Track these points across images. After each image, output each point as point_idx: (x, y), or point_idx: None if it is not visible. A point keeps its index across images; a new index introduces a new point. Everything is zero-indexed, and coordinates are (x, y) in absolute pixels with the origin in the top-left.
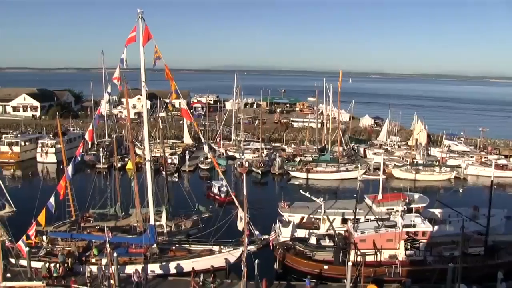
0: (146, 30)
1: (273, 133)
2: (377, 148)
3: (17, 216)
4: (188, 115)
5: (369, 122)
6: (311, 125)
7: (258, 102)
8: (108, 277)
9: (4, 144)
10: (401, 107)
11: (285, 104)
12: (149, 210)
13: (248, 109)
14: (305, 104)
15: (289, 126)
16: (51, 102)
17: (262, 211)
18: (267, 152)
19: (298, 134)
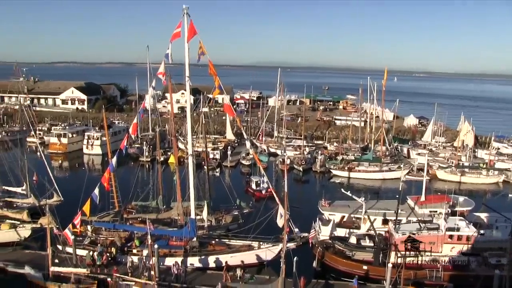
0: (191, 25)
1: (316, 130)
2: (421, 148)
3: (64, 205)
4: (231, 111)
5: (413, 122)
6: (354, 123)
7: (301, 99)
8: (148, 268)
9: (53, 135)
10: (447, 107)
11: (328, 101)
12: (190, 204)
13: (291, 106)
14: (348, 102)
15: (331, 124)
16: (97, 95)
17: (302, 208)
18: (309, 150)
19: (341, 132)
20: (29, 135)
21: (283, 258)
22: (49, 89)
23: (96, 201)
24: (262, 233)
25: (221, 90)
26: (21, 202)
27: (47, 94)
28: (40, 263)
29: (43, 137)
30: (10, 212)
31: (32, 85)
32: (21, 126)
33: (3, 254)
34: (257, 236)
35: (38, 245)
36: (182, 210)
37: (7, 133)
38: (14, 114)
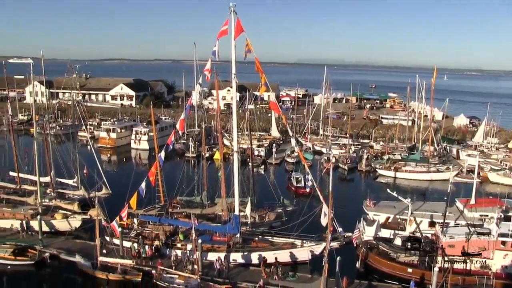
0: (238, 23)
1: (362, 129)
2: (472, 149)
3: (112, 198)
4: (276, 108)
5: (464, 122)
6: (401, 122)
7: (347, 97)
8: (192, 262)
9: (102, 130)
10: (501, 107)
11: (375, 100)
12: (234, 200)
13: (337, 104)
14: (396, 101)
15: (378, 122)
16: (145, 92)
17: (346, 208)
18: (354, 149)
19: (387, 131)
20: (81, 130)
21: (326, 257)
22: (99, 85)
23: (142, 195)
24: (305, 232)
25: (267, 88)
26: (73, 193)
27: (98, 90)
28: (89, 253)
29: (93, 131)
30: (63, 203)
31: (84, 82)
32: (73, 120)
33: (56, 242)
34: (300, 234)
35: (88, 235)
36: (226, 206)
37: (60, 127)
38: (67, 109)
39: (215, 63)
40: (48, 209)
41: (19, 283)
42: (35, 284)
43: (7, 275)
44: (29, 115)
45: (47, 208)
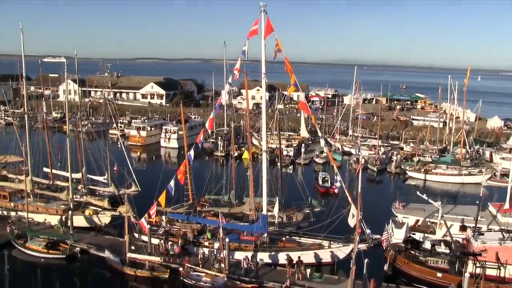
0: (268, 23)
1: (392, 130)
2: (507, 152)
3: (141, 195)
4: (306, 108)
5: (498, 124)
6: (432, 124)
7: (377, 98)
8: (219, 261)
9: (133, 128)
10: None
11: (406, 101)
12: (262, 200)
13: (367, 104)
14: (427, 102)
15: (408, 124)
16: (175, 90)
17: (375, 209)
18: (384, 150)
19: (418, 133)
20: (111, 127)
21: (354, 259)
22: (130, 84)
23: (171, 193)
24: (333, 233)
25: (297, 88)
26: (103, 190)
27: (129, 88)
28: (118, 249)
29: (124, 129)
30: (93, 199)
31: (115, 80)
32: (105, 118)
33: (86, 237)
34: (328, 235)
35: (117, 231)
36: (254, 206)
37: (92, 125)
38: (98, 107)
39: (245, 63)
40: (79, 204)
41: (51, 276)
42: (65, 277)
43: (40, 267)
44: (62, 113)
45: (78, 203)
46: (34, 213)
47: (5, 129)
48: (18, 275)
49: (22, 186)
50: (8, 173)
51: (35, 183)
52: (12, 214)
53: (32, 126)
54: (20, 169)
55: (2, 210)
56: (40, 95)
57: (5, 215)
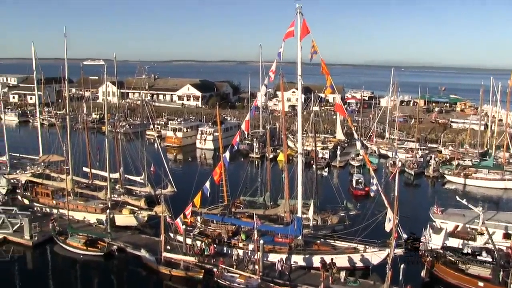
0: (304, 24)
1: (430, 133)
2: None
3: (177, 196)
4: (342, 110)
5: None
6: (472, 126)
7: (415, 100)
8: (253, 262)
9: (169, 129)
10: None
11: (445, 103)
12: (297, 202)
13: (404, 106)
14: (467, 104)
15: (447, 126)
16: (211, 92)
17: (412, 214)
18: (421, 153)
19: (457, 136)
20: (148, 128)
21: (390, 264)
22: (167, 85)
23: (206, 194)
24: (369, 237)
25: (333, 89)
26: (140, 190)
27: (165, 90)
28: (153, 248)
29: (160, 130)
30: (130, 199)
31: (152, 82)
32: (142, 119)
33: (123, 236)
34: (363, 239)
35: (153, 231)
36: (289, 208)
37: (130, 126)
38: (136, 109)
39: (280, 65)
40: (116, 204)
41: (89, 272)
42: (103, 274)
43: (79, 263)
44: (101, 114)
45: (115, 203)
46: (74, 211)
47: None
48: (59, 270)
49: (63, 185)
50: (50, 172)
51: (75, 182)
52: (54, 211)
53: (73, 127)
54: (62, 168)
55: (45, 207)
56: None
57: (47, 212)
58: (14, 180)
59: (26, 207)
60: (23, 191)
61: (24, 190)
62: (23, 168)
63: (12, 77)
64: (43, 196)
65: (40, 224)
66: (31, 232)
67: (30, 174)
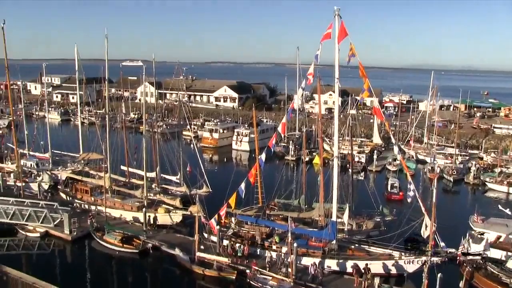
0: (342, 27)
1: (470, 138)
2: None
3: (212, 196)
4: (379, 114)
5: None
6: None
7: (456, 105)
8: (286, 265)
9: (206, 130)
10: None
11: (487, 108)
12: (332, 206)
13: (444, 111)
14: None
15: (489, 132)
16: (248, 94)
17: (450, 222)
18: (461, 159)
19: (501, 142)
20: (185, 129)
21: (426, 272)
22: (204, 87)
23: (241, 195)
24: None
25: (370, 93)
26: (175, 190)
27: (202, 91)
28: (187, 247)
29: (197, 131)
30: (166, 198)
31: (190, 83)
32: (179, 120)
33: (158, 234)
34: (398, 246)
35: (187, 230)
36: (323, 212)
37: (167, 126)
38: (173, 109)
39: (317, 67)
40: (152, 202)
41: (124, 268)
42: (137, 271)
43: (115, 260)
44: (139, 114)
45: (151, 201)
46: (112, 208)
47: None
48: (95, 264)
49: (102, 182)
50: (90, 169)
51: (113, 180)
52: (92, 208)
53: (112, 126)
54: (101, 166)
55: (84, 204)
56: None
57: (86, 208)
58: (55, 176)
59: (66, 202)
60: (63, 187)
61: (64, 186)
62: (64, 165)
63: (56, 77)
64: (82, 193)
65: (79, 219)
66: (70, 227)
67: (70, 171)
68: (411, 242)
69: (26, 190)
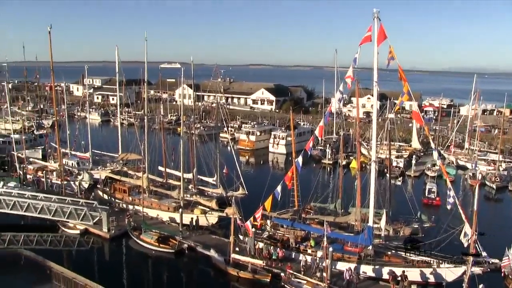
0: (381, 30)
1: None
2: None
3: (247, 198)
4: (419, 119)
5: None
6: None
7: (500, 109)
8: (321, 270)
9: (243, 133)
10: None
11: None
12: (368, 211)
13: (486, 116)
14: None
15: None
16: (285, 97)
17: (493, 231)
18: (505, 166)
19: None
20: (222, 131)
21: (466, 282)
22: (242, 89)
23: (277, 198)
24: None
25: (410, 97)
26: (211, 191)
27: (240, 94)
28: (223, 249)
29: (234, 133)
30: (202, 199)
31: (227, 85)
32: (216, 122)
33: (194, 235)
34: (437, 253)
35: (222, 232)
36: (360, 216)
37: (204, 128)
38: (211, 111)
39: (356, 70)
40: (189, 203)
41: (160, 268)
42: (173, 271)
43: (151, 259)
44: (177, 116)
45: (188, 202)
46: (149, 208)
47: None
48: (132, 263)
49: (139, 182)
50: (128, 169)
51: (150, 180)
52: (130, 207)
53: (150, 127)
54: (139, 166)
55: (122, 203)
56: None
57: (124, 207)
58: (95, 176)
59: (105, 201)
60: (102, 186)
61: (103, 185)
62: (104, 165)
63: (97, 79)
64: (121, 192)
65: (117, 218)
66: (108, 225)
67: (109, 171)
68: (411, 243)
69: (67, 188)
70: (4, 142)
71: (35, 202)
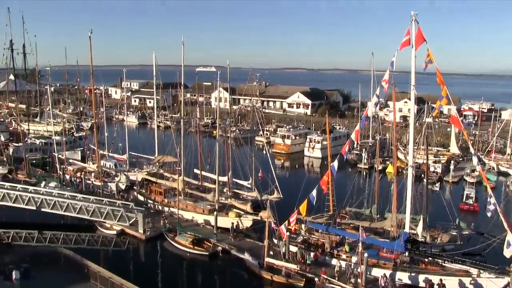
0: (419, 33)
1: None
2: None
3: (282, 202)
4: (458, 123)
5: None
6: None
7: None
8: (355, 275)
9: (278, 136)
10: None
11: None
12: (405, 217)
13: None
14: None
15: None
16: (321, 100)
17: None
18: None
19: None
20: (258, 135)
21: None
22: (277, 93)
23: (312, 202)
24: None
25: (449, 100)
26: (246, 194)
27: (276, 97)
28: (257, 252)
29: (269, 137)
30: (237, 202)
31: (263, 89)
32: (252, 125)
33: (228, 238)
34: (476, 262)
35: (257, 235)
36: (396, 222)
37: (240, 131)
38: (246, 115)
39: (393, 74)
40: (223, 206)
41: (194, 270)
42: (207, 274)
43: (186, 261)
44: (213, 119)
45: (223, 205)
46: (184, 210)
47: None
48: (167, 264)
49: (175, 185)
50: (164, 171)
51: (186, 183)
52: (166, 209)
53: (186, 130)
54: (175, 169)
55: (157, 205)
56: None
57: (159, 209)
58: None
59: (141, 203)
60: (139, 188)
61: (140, 187)
62: (140, 167)
63: (135, 82)
64: (156, 194)
65: (153, 220)
66: (144, 226)
67: (146, 173)
68: (411, 243)
69: (104, 189)
70: (46, 144)
71: (74, 202)
